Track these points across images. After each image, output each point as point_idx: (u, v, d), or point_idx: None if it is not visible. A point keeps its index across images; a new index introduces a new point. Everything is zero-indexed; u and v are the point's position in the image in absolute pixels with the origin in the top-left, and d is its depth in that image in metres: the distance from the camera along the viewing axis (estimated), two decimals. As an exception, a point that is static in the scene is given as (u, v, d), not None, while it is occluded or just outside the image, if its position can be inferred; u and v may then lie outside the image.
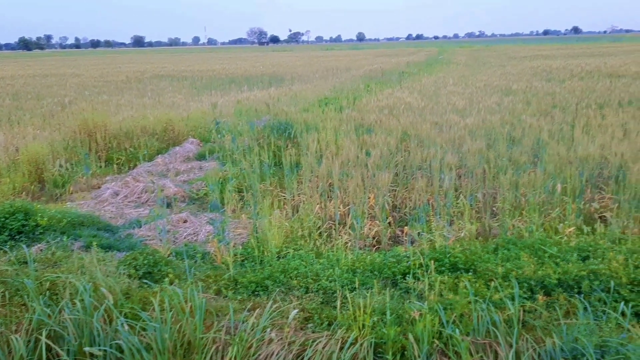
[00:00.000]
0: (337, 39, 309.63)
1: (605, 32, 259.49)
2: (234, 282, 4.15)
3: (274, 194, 6.28)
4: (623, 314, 3.15)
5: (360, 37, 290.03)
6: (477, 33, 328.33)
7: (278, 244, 4.83)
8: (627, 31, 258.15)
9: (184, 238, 5.44)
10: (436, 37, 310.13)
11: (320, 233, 5.30)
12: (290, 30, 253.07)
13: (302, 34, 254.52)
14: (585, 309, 3.19)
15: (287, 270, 4.24)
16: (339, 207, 5.72)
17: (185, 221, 5.80)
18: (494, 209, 5.73)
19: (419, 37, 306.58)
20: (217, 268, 4.44)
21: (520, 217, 5.31)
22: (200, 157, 8.84)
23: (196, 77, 24.07)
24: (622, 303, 3.25)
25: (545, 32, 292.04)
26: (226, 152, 7.97)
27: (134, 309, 3.39)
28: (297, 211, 5.78)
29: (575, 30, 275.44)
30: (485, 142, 7.47)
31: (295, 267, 4.26)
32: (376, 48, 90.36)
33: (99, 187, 7.25)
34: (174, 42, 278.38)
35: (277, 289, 4.02)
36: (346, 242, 5.13)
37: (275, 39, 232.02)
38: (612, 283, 3.56)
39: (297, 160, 6.70)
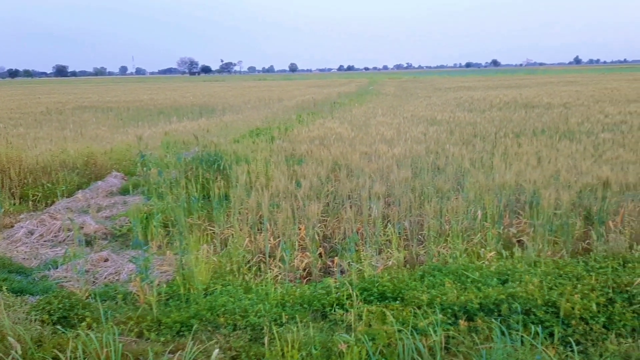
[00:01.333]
0: (270, 69, 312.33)
1: (521, 65, 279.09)
2: (158, 323, 3.97)
3: (202, 228, 6.13)
4: (538, 334, 3.29)
5: (293, 68, 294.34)
6: (405, 65, 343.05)
7: (205, 280, 4.69)
8: (541, 64, 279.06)
9: (105, 278, 5.16)
10: (367, 69, 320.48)
11: (249, 267, 5.21)
12: (222, 61, 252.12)
13: (235, 64, 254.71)
14: (502, 332, 3.30)
15: (214, 307, 4.12)
16: (269, 240, 5.67)
17: (106, 260, 5.52)
18: (420, 236, 5.88)
19: (350, 68, 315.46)
20: (139, 309, 4.23)
21: (445, 244, 5.48)
22: (125, 191, 8.50)
23: (122, 108, 23.34)
24: (537, 325, 3.40)
25: (468, 65, 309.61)
26: (152, 186, 7.73)
27: (46, 358, 3.16)
28: (226, 245, 5.67)
29: (495, 63, 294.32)
30: (412, 171, 7.72)
31: (222, 304, 4.15)
32: (308, 79, 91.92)
33: (12, 226, 6.77)
34: (99, 72, 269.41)
35: (203, 328, 3.88)
36: (276, 276, 5.07)
37: (206, 69, 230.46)
38: (528, 305, 3.74)
39: (226, 192, 6.60)
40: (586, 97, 20.22)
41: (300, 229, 5.83)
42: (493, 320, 3.58)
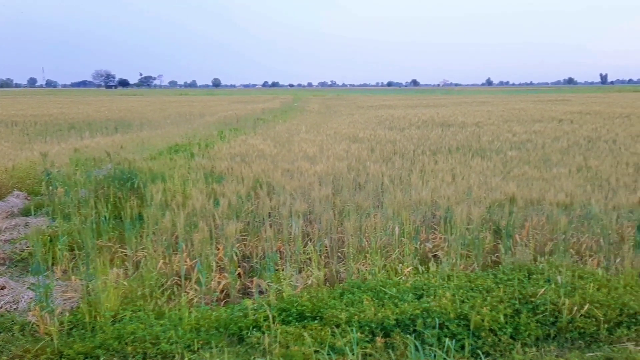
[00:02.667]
0: (192, 84, 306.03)
1: (438, 85, 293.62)
2: (59, 355, 3.68)
3: (112, 251, 5.78)
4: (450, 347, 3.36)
5: (216, 83, 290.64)
6: (330, 82, 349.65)
7: (114, 306, 4.40)
8: (456, 85, 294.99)
9: (1, 308, 4.71)
10: (291, 85, 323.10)
11: (163, 291, 4.96)
12: (141, 74, 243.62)
13: (155, 78, 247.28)
14: (417, 347, 3.34)
15: (123, 335, 3.87)
16: (185, 261, 5.44)
17: (3, 287, 5.04)
18: (340, 253, 5.90)
19: (275, 84, 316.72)
20: (39, 340, 3.89)
21: (364, 260, 5.53)
22: (27, 212, 7.87)
23: (29, 122, 21.82)
24: (450, 338, 3.48)
25: (389, 84, 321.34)
26: (57, 206, 7.22)
27: None
28: (138, 268, 5.38)
29: (414, 82, 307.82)
30: (333, 188, 7.77)
31: (132, 332, 3.91)
32: (232, 94, 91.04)
33: None
34: (5, 84, 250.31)
35: (110, 359, 3.63)
36: (192, 299, 4.86)
37: (124, 83, 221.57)
38: (442, 319, 3.83)
39: (140, 212, 6.29)
40: (496, 117, 21.47)
41: (218, 249, 5.66)
42: (408, 335, 3.63)
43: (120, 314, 4.32)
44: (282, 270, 5.19)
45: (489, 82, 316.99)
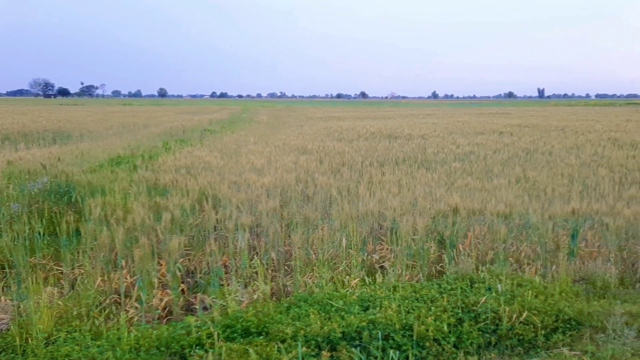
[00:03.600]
0: (137, 94, 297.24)
1: (386, 97, 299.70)
2: (-16, 384, 3.42)
3: (47, 269, 5.48)
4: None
5: (162, 93, 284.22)
6: (279, 94, 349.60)
7: (47, 327, 4.17)
8: (404, 97, 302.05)
9: None
10: (240, 96, 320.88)
11: (101, 310, 4.74)
12: (82, 83, 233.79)
13: (97, 87, 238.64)
14: (362, 362, 3.33)
15: (56, 358, 3.68)
16: (125, 278, 5.23)
17: None
18: (287, 267, 5.84)
19: (223, 95, 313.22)
20: (-38, 368, 3.62)
21: (311, 273, 5.50)
22: (-46, 229, 7.35)
23: (-43, 133, 20.56)
24: (395, 350, 3.50)
25: (339, 96, 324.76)
26: (-13, 222, 6.78)
27: None
28: (74, 287, 5.12)
29: (363, 95, 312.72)
30: (281, 201, 7.71)
31: (66, 354, 3.71)
32: (179, 105, 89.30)
33: None
34: None
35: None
36: (132, 318, 4.67)
37: (64, 92, 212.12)
38: (387, 330, 3.84)
39: (78, 227, 6.01)
40: (441, 129, 22.07)
41: (161, 265, 5.48)
42: (354, 349, 3.61)
43: (54, 336, 4.09)
44: (228, 285, 5.08)
45: (434, 95, 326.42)
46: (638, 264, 5.77)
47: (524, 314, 4.23)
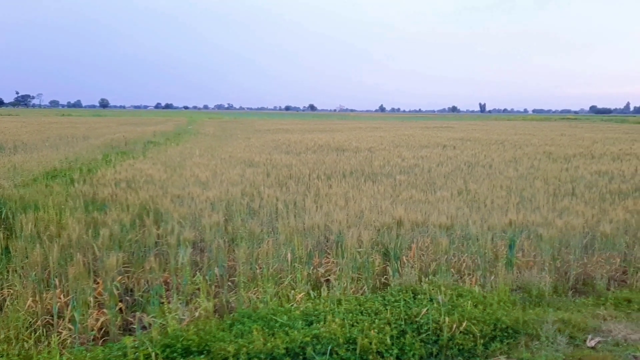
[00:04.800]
0: (77, 104, 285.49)
1: (335, 110, 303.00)
2: None
3: (-29, 291, 5.13)
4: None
5: (104, 104, 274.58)
6: (227, 105, 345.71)
7: (-31, 355, 3.88)
8: (352, 110, 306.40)
9: None
10: (186, 107, 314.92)
11: (32, 332, 4.47)
12: (17, 93, 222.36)
13: (33, 97, 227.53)
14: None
15: (-22, 388, 3.40)
16: (59, 298, 4.97)
17: None
18: (231, 282, 5.73)
19: (168, 106, 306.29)
20: None
21: (256, 289, 5.41)
22: None
23: None
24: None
25: (287, 108, 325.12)
26: None
27: None
28: (2, 308, 4.81)
29: (312, 107, 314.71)
30: (227, 215, 7.59)
31: (-11, 383, 3.45)
32: (121, 115, 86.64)
33: None
34: None
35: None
36: (65, 340, 4.43)
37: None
38: (332, 344, 3.82)
39: (7, 245, 5.67)
40: (388, 142, 22.49)
41: (97, 283, 5.24)
42: (297, 365, 3.57)
43: (-25, 364, 3.82)
44: (168, 303, 4.92)
45: (381, 109, 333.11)
46: (570, 272, 6.04)
47: (464, 324, 4.32)
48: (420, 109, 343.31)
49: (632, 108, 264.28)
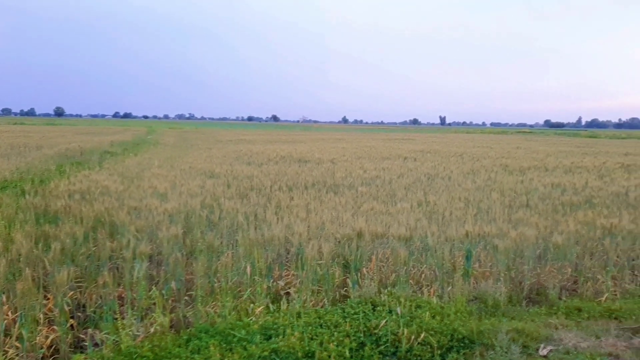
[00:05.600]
0: (30, 113, 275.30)
1: (298, 121, 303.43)
2: None
3: None
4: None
5: (59, 112, 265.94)
6: (188, 115, 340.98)
7: None
8: (315, 121, 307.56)
9: None
10: (146, 117, 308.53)
11: (-26, 352, 4.24)
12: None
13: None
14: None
15: None
16: (6, 315, 4.74)
17: None
18: (188, 297, 5.61)
19: (127, 115, 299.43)
20: None
21: (214, 303, 5.32)
22: None
23: None
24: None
25: (250, 118, 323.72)
26: None
27: None
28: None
29: (275, 118, 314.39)
30: (184, 227, 7.45)
31: None
32: (77, 125, 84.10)
33: None
34: None
35: None
36: (12, 358, 4.23)
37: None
38: (290, 358, 3.78)
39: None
40: (350, 154, 22.66)
41: (48, 299, 5.04)
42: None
43: None
44: (122, 318, 4.77)
45: (344, 120, 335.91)
46: (524, 282, 6.21)
47: (422, 335, 4.36)
48: (382, 121, 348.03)
49: (583, 122, 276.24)
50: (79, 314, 5.28)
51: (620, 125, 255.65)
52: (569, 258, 6.66)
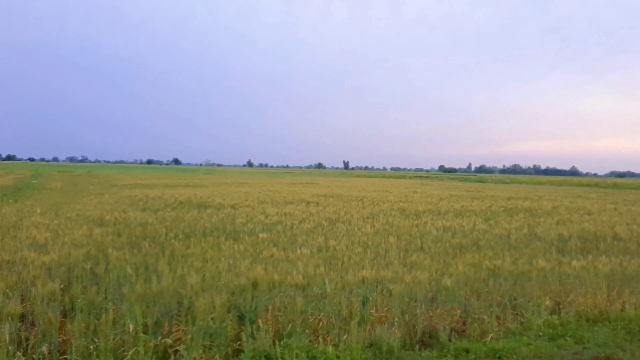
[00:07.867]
0: None
1: (201, 164, 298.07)
2: None
3: None
4: None
5: None
6: (80, 157, 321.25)
7: None
8: (219, 165, 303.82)
9: None
10: (32, 159, 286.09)
11: None
12: None
13: None
14: None
15: None
16: None
17: None
18: (62, 361, 5.04)
19: (10, 157, 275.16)
20: None
21: (92, 367, 4.82)
22: None
23: None
24: None
25: (149, 161, 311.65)
26: None
27: None
28: None
29: (176, 161, 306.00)
30: (64, 282, 6.82)
31: None
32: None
33: None
34: None
35: None
36: None
37: None
38: None
39: None
40: (253, 199, 22.41)
41: None
42: None
43: None
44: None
45: (249, 164, 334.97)
46: (417, 325, 6.32)
47: (316, 389, 4.23)
48: (288, 165, 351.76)
49: (473, 168, 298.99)
50: None
51: (504, 170, 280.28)
52: (458, 300, 6.93)
